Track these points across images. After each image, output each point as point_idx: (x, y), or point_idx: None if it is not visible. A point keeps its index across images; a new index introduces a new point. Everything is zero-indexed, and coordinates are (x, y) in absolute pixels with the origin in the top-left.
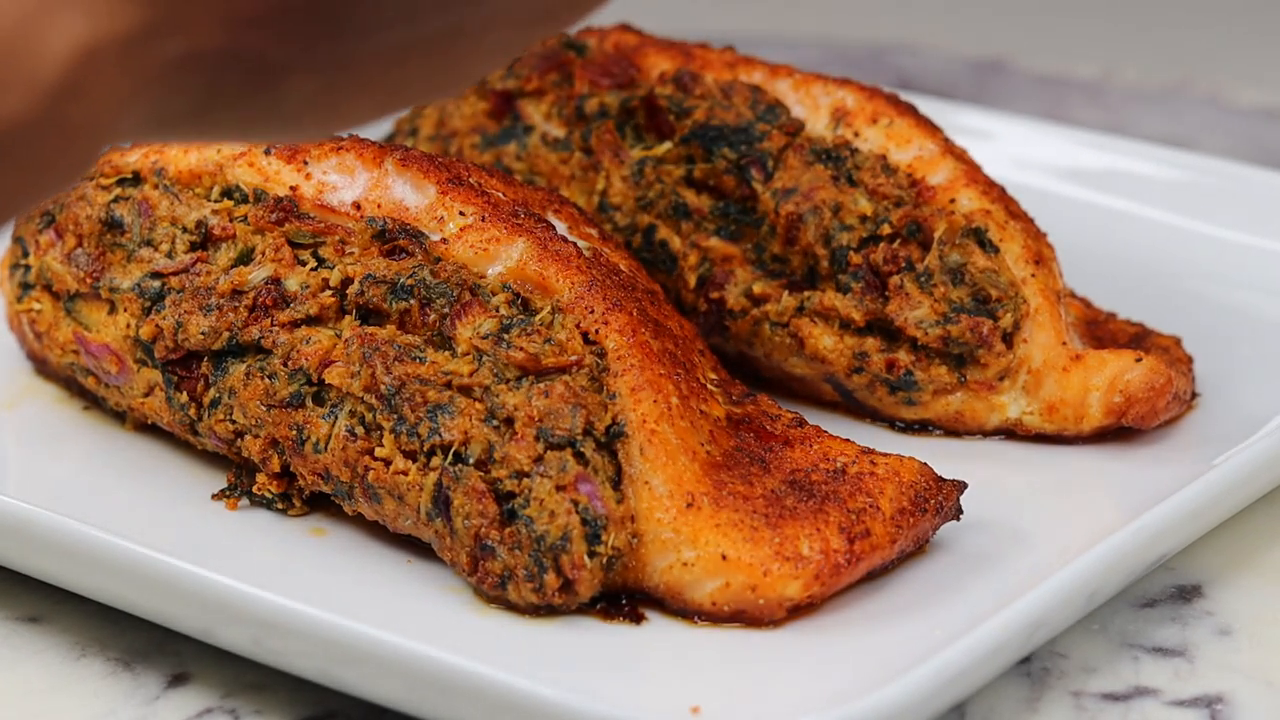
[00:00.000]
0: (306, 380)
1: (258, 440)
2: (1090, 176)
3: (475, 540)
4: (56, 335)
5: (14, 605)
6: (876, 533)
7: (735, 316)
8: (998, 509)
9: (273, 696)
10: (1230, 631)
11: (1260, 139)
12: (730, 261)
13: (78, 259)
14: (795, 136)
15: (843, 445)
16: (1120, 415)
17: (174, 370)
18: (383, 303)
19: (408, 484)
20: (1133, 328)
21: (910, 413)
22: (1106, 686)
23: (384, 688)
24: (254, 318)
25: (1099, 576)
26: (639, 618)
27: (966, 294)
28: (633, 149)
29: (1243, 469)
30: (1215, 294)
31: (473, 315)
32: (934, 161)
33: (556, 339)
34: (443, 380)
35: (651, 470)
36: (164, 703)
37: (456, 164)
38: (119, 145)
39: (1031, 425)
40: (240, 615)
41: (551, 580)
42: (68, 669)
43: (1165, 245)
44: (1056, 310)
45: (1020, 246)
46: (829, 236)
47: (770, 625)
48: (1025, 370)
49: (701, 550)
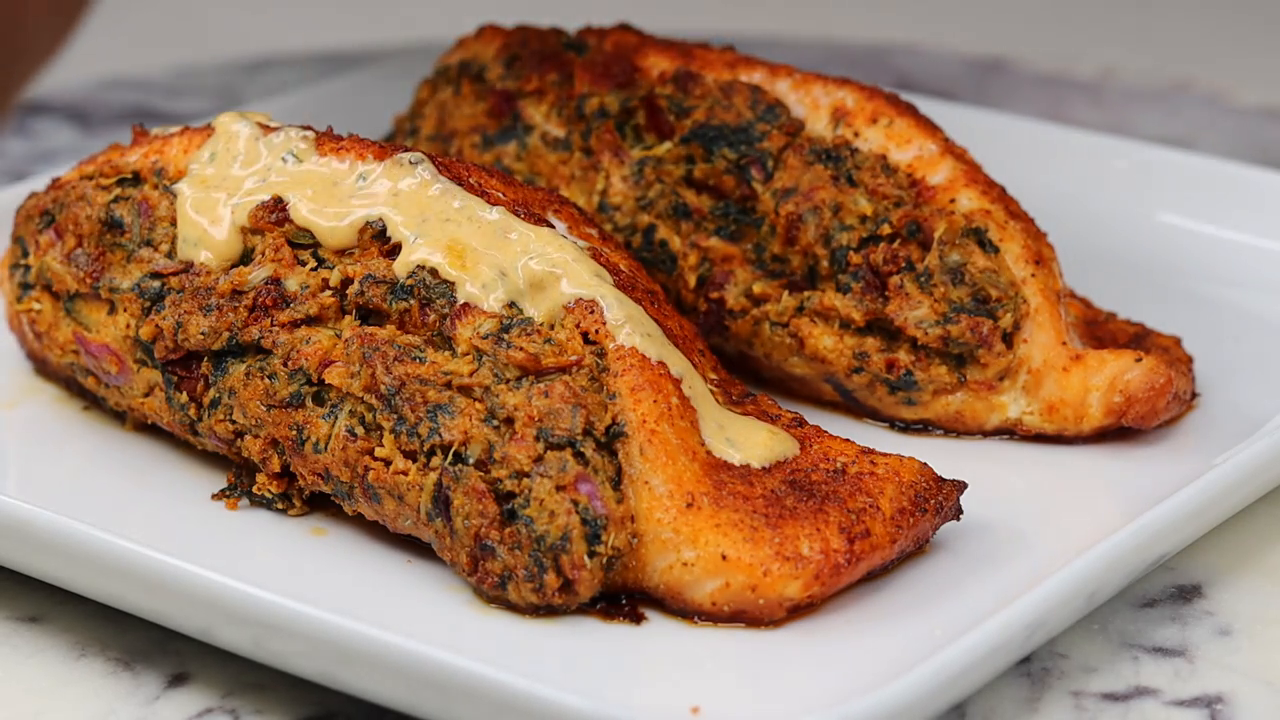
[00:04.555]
0: (306, 380)
1: (258, 440)
2: (1090, 176)
3: (475, 540)
4: (56, 335)
5: (14, 605)
6: (876, 533)
7: (735, 316)
8: (998, 509)
9: (273, 696)
10: (1230, 631)
11: (1260, 139)
12: (730, 261)
13: (78, 259)
14: (795, 136)
15: (843, 445)
16: (1120, 415)
17: (174, 370)
18: (383, 303)
19: (408, 484)
20: (1133, 328)
21: (910, 413)
22: (1106, 686)
23: (384, 688)
24: (254, 318)
25: (1099, 576)
26: (639, 618)
27: (966, 294)
28: (633, 149)
29: (1243, 469)
30: (1215, 294)
31: (473, 315)
32: (934, 161)
33: (556, 339)
34: (443, 380)
35: (651, 470)
36: (164, 703)
37: (456, 164)
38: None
39: (1031, 425)
40: (240, 615)
41: (551, 580)
42: (68, 669)
43: (1165, 245)
44: (1056, 310)
45: (1020, 246)
46: (829, 236)
47: (770, 625)
48: (1025, 370)
49: (701, 550)
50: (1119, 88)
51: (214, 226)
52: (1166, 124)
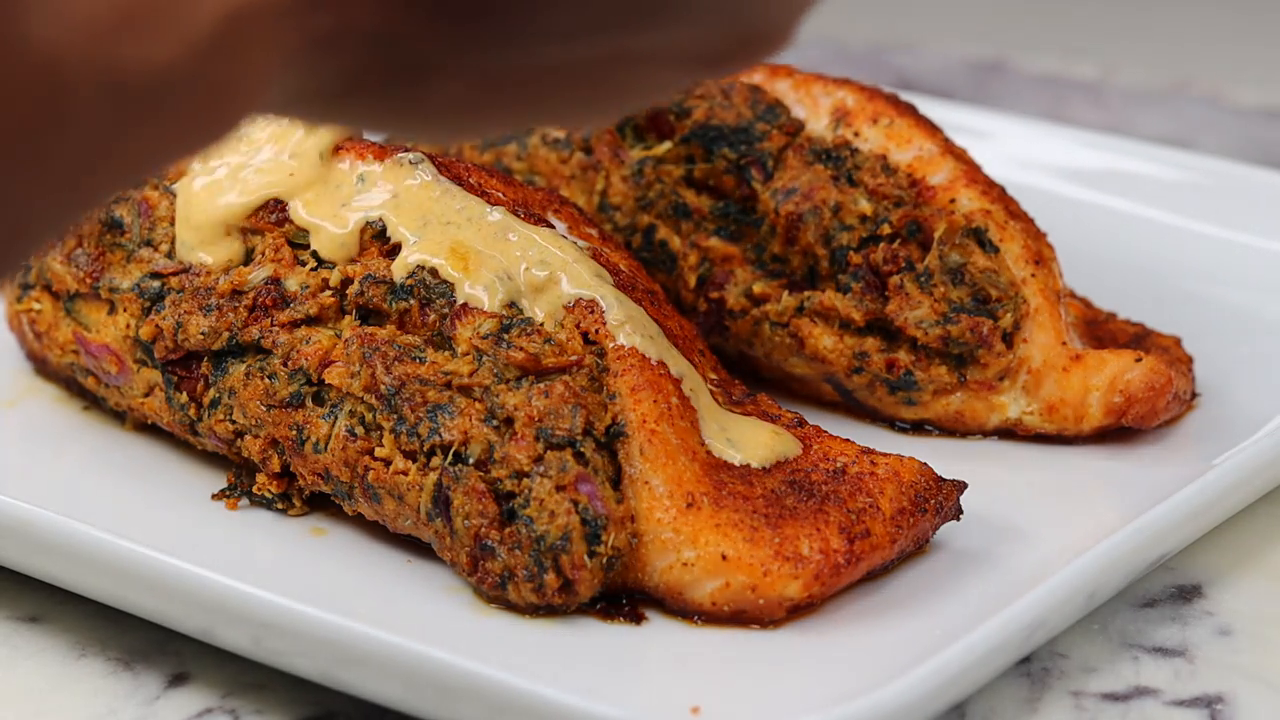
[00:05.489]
0: (306, 380)
1: (258, 440)
2: (1090, 176)
3: (475, 540)
4: (56, 335)
5: (14, 605)
6: (876, 533)
7: (735, 316)
8: (998, 509)
9: (273, 696)
10: (1230, 631)
11: (1260, 139)
12: (730, 261)
13: (78, 259)
14: (795, 136)
15: (843, 445)
16: (1120, 415)
17: (174, 370)
18: (383, 303)
19: (408, 484)
20: (1133, 328)
21: (910, 413)
22: (1106, 686)
23: (384, 688)
24: (254, 318)
25: (1099, 576)
26: (639, 618)
27: (966, 294)
28: (633, 149)
29: (1243, 469)
30: (1215, 294)
31: (473, 315)
32: (934, 161)
33: (556, 339)
34: (443, 380)
35: (651, 470)
36: (164, 703)
37: (457, 164)
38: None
39: (1031, 425)
40: (240, 615)
41: (551, 580)
42: (68, 669)
43: (1165, 245)
44: (1056, 310)
45: (1020, 246)
46: (829, 236)
47: (770, 625)
48: (1025, 370)
49: (701, 550)
50: (1119, 88)
51: (214, 226)
52: (1166, 124)
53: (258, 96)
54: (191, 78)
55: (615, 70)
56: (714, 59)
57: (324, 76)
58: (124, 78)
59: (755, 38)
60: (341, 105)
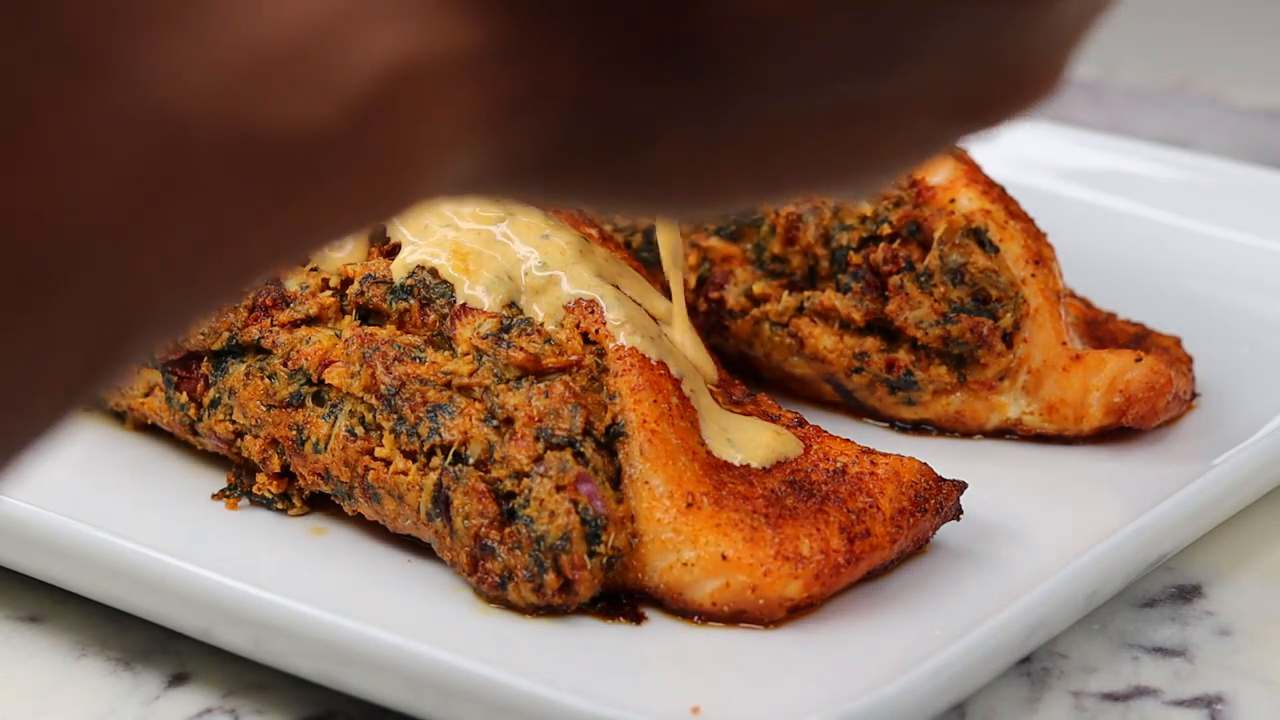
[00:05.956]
0: (306, 380)
1: (258, 440)
2: (1090, 176)
3: (475, 540)
4: None
5: (14, 605)
6: (876, 533)
7: (735, 316)
8: (998, 509)
9: (273, 696)
10: (1230, 631)
11: (1260, 139)
12: (730, 261)
13: None
14: None
15: (843, 445)
16: (1120, 415)
17: (174, 370)
18: (382, 303)
19: (408, 484)
20: (1133, 328)
21: (910, 413)
22: (1106, 686)
23: (384, 688)
24: (254, 318)
25: (1099, 576)
26: (639, 618)
27: (966, 294)
28: None
29: (1243, 469)
30: (1215, 294)
31: (472, 315)
32: (934, 161)
33: (556, 339)
34: (443, 380)
35: (651, 470)
36: (164, 703)
37: None
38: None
39: (1031, 425)
40: (240, 615)
41: (551, 580)
42: (68, 669)
43: (1165, 245)
44: (1056, 310)
45: (1020, 246)
46: (829, 236)
47: (770, 625)
48: (1025, 370)
49: (701, 550)
50: (1119, 88)
51: None
52: (1166, 124)
53: (433, 169)
54: (347, 144)
55: (860, 125)
56: (973, 107)
57: (517, 147)
58: (263, 142)
59: (1018, 78)
60: (537, 180)
